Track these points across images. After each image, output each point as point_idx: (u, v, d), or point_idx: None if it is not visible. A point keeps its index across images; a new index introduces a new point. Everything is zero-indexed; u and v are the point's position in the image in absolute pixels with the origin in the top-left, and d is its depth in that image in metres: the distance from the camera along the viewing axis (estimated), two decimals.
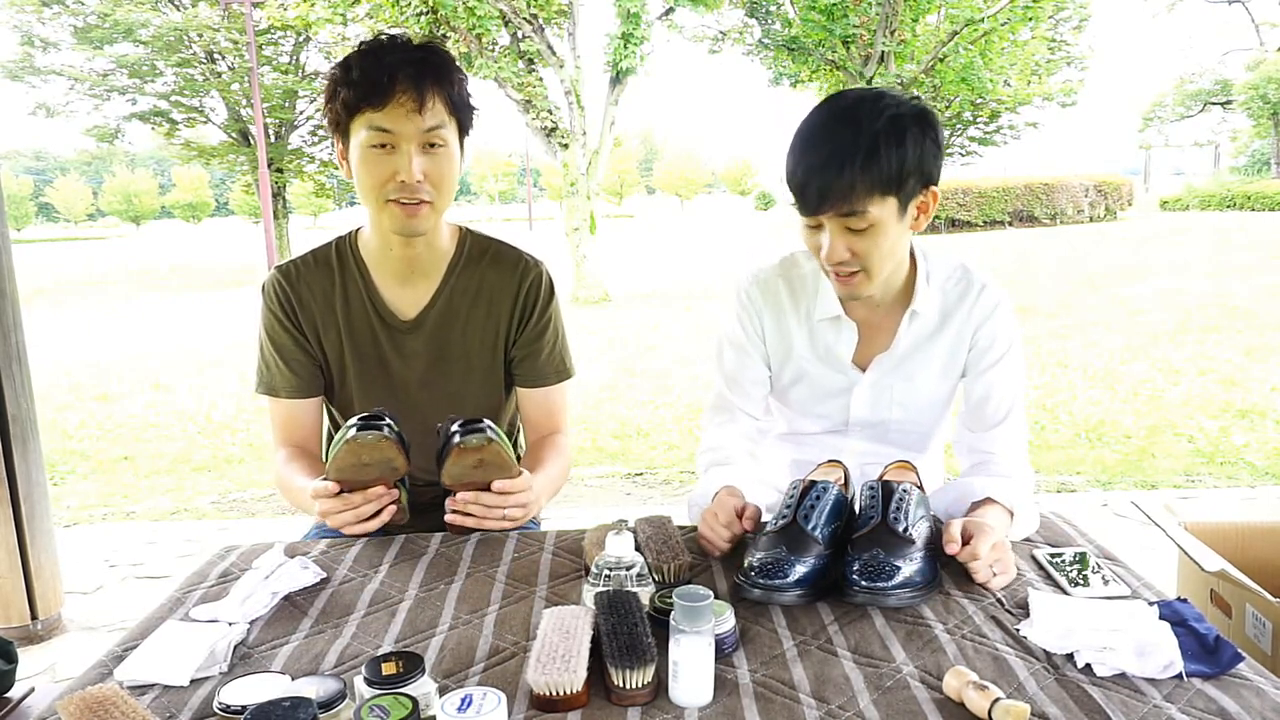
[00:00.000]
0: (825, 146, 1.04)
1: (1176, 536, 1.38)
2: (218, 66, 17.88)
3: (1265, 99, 25.87)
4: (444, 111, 1.13)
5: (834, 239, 1.08)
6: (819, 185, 1.04)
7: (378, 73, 1.09)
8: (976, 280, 1.21)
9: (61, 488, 3.88)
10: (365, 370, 1.26)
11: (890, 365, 1.23)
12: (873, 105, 1.04)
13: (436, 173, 1.14)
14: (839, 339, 1.24)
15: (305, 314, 1.24)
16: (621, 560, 0.93)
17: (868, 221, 1.06)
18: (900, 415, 1.25)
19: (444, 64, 1.14)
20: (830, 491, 1.01)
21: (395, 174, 1.12)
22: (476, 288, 1.26)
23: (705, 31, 14.08)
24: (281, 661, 0.87)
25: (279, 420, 1.27)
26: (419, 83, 1.10)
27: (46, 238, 44.29)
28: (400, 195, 1.14)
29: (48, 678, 2.06)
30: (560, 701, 0.75)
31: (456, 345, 1.26)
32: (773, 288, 1.27)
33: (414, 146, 1.11)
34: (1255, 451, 3.66)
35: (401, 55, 1.11)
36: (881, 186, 1.04)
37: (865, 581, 0.92)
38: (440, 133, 1.13)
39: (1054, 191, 17.91)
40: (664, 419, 4.66)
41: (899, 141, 1.03)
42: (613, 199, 56.25)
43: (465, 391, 1.28)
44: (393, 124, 1.10)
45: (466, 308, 1.26)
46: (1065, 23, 17.69)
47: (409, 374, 1.26)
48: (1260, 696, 0.76)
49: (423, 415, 1.24)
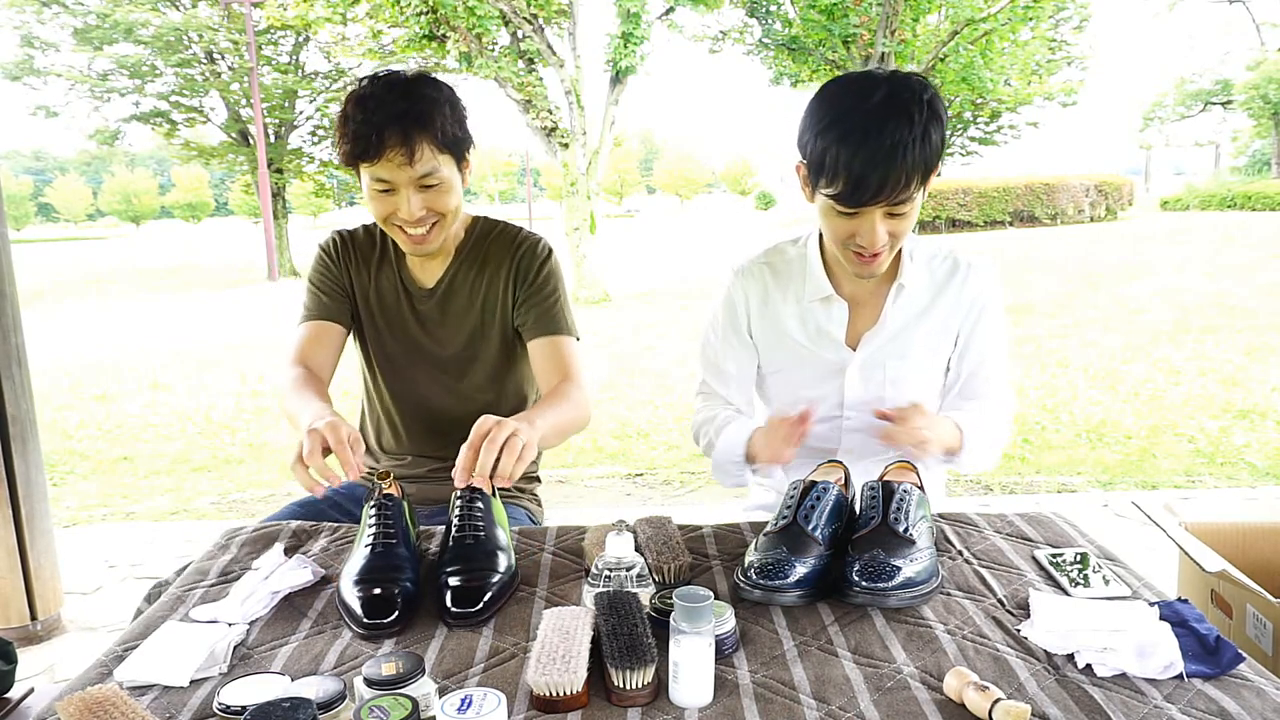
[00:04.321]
0: (884, 137, 1.03)
1: (1177, 537, 1.38)
2: (217, 66, 17.87)
3: (1266, 99, 25.87)
4: (434, 155, 1.20)
5: (877, 225, 1.09)
6: (879, 177, 1.04)
7: (367, 130, 1.17)
8: (963, 260, 1.26)
9: (61, 488, 3.87)
10: (391, 330, 1.40)
11: (881, 341, 1.25)
12: (911, 92, 1.05)
13: (437, 203, 1.25)
14: (830, 318, 1.26)
15: (353, 270, 1.40)
16: (622, 561, 0.93)
17: (910, 206, 1.09)
18: (894, 395, 1.25)
19: (430, 109, 1.19)
20: (830, 492, 1.01)
21: (397, 211, 1.23)
22: (482, 259, 1.38)
23: (705, 31, 14.07)
24: (281, 662, 0.87)
25: (301, 340, 1.35)
26: (407, 136, 1.17)
27: (46, 238, 44.27)
28: (405, 226, 1.25)
29: (47, 678, 2.06)
30: (560, 702, 0.75)
31: (464, 310, 1.38)
32: (758, 276, 1.30)
33: (411, 190, 1.22)
34: (1256, 452, 3.66)
35: (389, 110, 1.17)
36: (926, 172, 1.07)
37: (865, 582, 0.92)
38: (434, 175, 1.21)
39: (1055, 191, 17.89)
40: (664, 419, 4.66)
41: (940, 124, 1.07)
42: (613, 199, 56.32)
43: (475, 354, 1.39)
44: (388, 174, 1.20)
45: (473, 277, 1.38)
46: (1066, 22, 17.67)
47: (425, 335, 1.40)
48: (1261, 697, 0.76)
49: (438, 373, 1.39)
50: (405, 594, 0.94)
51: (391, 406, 1.44)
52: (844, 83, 1.10)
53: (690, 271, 12.99)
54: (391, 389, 1.43)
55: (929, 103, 1.06)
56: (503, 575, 0.99)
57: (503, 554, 1.01)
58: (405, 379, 1.41)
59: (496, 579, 0.97)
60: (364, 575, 0.96)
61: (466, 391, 1.40)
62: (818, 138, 1.08)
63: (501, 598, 0.97)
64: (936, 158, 1.08)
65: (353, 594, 0.94)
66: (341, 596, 0.96)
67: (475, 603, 0.93)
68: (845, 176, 1.05)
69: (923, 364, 1.26)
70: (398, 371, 1.42)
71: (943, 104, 1.09)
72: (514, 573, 1.02)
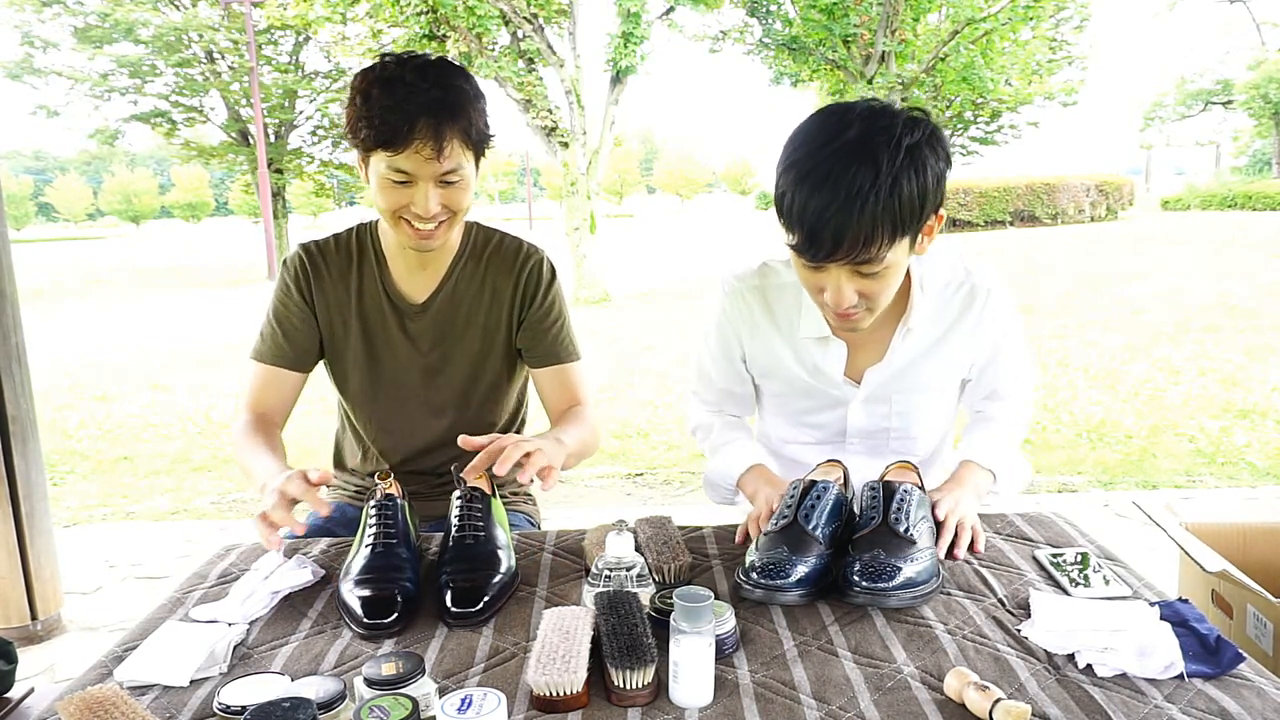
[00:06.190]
0: (840, 187, 0.90)
1: (1178, 537, 1.38)
2: (217, 66, 17.87)
3: (1266, 98, 25.88)
4: (461, 151, 1.13)
5: (843, 285, 0.98)
6: (833, 231, 0.92)
7: (397, 119, 1.07)
8: (981, 288, 1.14)
9: (61, 488, 3.87)
10: (373, 350, 1.30)
11: (885, 378, 1.19)
12: (886, 135, 0.91)
13: (454, 201, 1.17)
14: (827, 357, 1.18)
15: (319, 291, 1.28)
16: (622, 561, 0.93)
17: (880, 266, 0.96)
18: (900, 425, 1.23)
19: (463, 101, 1.11)
20: (830, 491, 1.01)
21: (410, 204, 1.14)
22: (481, 275, 1.30)
23: (705, 31, 14.07)
24: (281, 662, 0.87)
25: (256, 384, 1.28)
26: (438, 129, 1.08)
27: (46, 237, 44.26)
28: (415, 221, 1.16)
29: (47, 678, 2.06)
30: (560, 702, 0.75)
31: (460, 328, 1.30)
32: (748, 303, 1.20)
33: (431, 184, 1.13)
34: (1256, 452, 3.66)
35: (422, 98, 1.08)
36: (900, 228, 0.93)
37: (866, 582, 0.92)
38: (457, 172, 1.14)
39: (1055, 191, 17.90)
40: (664, 419, 4.66)
41: (920, 174, 0.92)
42: (613, 198, 56.27)
43: (470, 373, 1.31)
44: (411, 167, 1.11)
45: (471, 293, 1.29)
46: (1066, 22, 17.65)
47: (415, 354, 1.30)
48: (1261, 697, 0.76)
49: (426, 394, 1.31)
50: (405, 594, 0.94)
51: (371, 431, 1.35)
52: (819, 116, 0.97)
53: (690, 271, 12.99)
54: (371, 413, 1.33)
55: (908, 148, 0.91)
56: (503, 576, 0.98)
57: (503, 554, 1.01)
58: (390, 400, 1.31)
59: (497, 579, 0.97)
60: (364, 575, 0.96)
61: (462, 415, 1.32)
62: (780, 176, 0.97)
63: (502, 598, 0.97)
64: (912, 212, 0.92)
65: (353, 594, 0.94)
66: (341, 596, 0.96)
67: (475, 603, 0.93)
68: (796, 221, 0.94)
69: (932, 395, 1.22)
70: (382, 394, 1.31)
71: (936, 145, 0.94)
72: (514, 573, 1.02)
